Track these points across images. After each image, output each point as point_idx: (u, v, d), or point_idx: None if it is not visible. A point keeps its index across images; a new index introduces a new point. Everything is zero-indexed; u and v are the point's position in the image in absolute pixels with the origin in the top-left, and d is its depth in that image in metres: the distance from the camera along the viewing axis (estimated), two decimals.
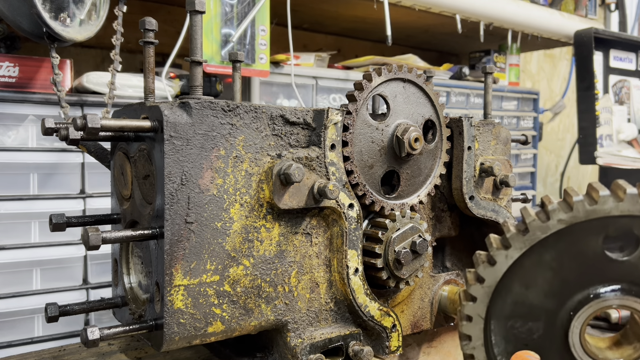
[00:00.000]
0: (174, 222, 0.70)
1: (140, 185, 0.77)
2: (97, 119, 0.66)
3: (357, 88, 0.85)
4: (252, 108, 0.77)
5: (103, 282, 1.39)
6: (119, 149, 0.84)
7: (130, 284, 0.85)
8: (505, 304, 0.61)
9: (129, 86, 1.42)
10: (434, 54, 2.85)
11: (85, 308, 0.83)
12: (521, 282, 0.61)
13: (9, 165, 1.27)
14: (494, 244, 0.60)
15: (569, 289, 0.61)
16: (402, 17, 2.05)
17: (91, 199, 1.36)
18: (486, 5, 2.09)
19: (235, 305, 0.76)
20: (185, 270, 0.71)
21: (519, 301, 0.61)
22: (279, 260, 0.79)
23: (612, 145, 2.28)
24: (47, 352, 0.92)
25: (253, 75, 1.64)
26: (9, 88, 1.27)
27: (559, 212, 0.57)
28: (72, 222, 0.82)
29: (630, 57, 2.46)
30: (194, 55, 0.73)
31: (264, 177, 0.77)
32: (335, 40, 2.55)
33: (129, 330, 0.72)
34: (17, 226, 1.29)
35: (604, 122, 2.26)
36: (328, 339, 0.83)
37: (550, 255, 0.60)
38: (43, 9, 1.16)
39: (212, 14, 1.50)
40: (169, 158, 0.69)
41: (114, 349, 0.92)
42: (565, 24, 2.38)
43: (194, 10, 0.72)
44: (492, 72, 1.05)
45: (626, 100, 2.43)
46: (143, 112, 0.75)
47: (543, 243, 0.60)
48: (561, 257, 0.60)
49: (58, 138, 0.79)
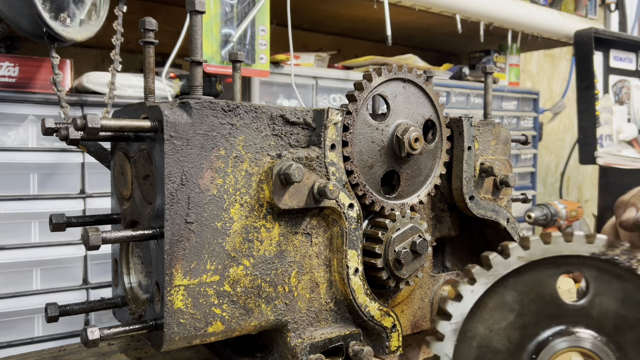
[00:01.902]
0: (174, 222, 0.70)
1: (140, 185, 0.77)
2: (97, 119, 0.66)
3: (357, 88, 0.85)
4: (252, 108, 0.77)
5: (103, 282, 1.39)
6: (119, 149, 0.84)
7: (130, 284, 0.85)
8: (472, 347, 0.63)
9: (129, 86, 1.42)
10: (434, 54, 2.85)
11: (85, 308, 0.83)
12: (485, 324, 0.63)
13: (9, 165, 1.27)
14: (460, 282, 0.63)
15: (528, 332, 0.63)
16: (402, 17, 2.05)
17: (91, 199, 1.36)
18: (486, 5, 2.09)
19: (235, 305, 0.76)
20: (185, 270, 0.71)
21: (483, 345, 0.63)
22: (279, 260, 0.79)
23: (612, 145, 2.28)
24: (47, 352, 0.92)
25: (253, 75, 1.64)
26: (9, 88, 1.27)
27: (518, 249, 0.61)
28: (72, 222, 0.82)
29: (630, 57, 2.46)
30: (194, 55, 0.73)
31: (264, 177, 0.77)
32: (335, 40, 2.55)
33: (129, 330, 0.72)
34: (17, 226, 1.29)
35: (604, 122, 2.26)
36: (328, 339, 0.83)
37: (512, 297, 0.63)
38: (43, 9, 1.16)
39: (212, 14, 1.50)
40: (169, 158, 0.69)
41: (114, 349, 0.92)
42: (565, 24, 2.38)
43: (194, 10, 0.72)
44: (492, 72, 1.05)
45: (626, 100, 2.43)
46: (143, 112, 0.75)
47: (505, 284, 0.63)
48: (521, 298, 0.63)
49: (58, 138, 0.78)
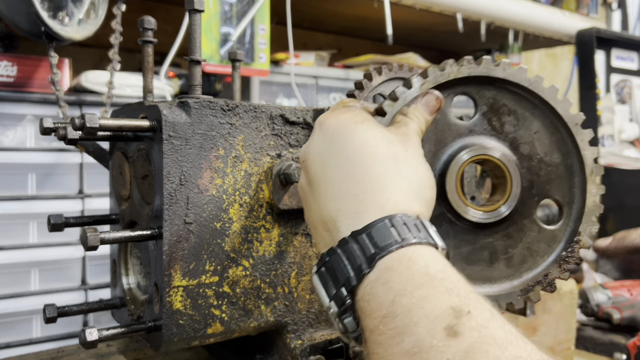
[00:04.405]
0: (173, 223, 0.69)
1: (139, 185, 0.77)
2: (96, 119, 0.66)
3: (357, 87, 0.84)
4: (252, 107, 0.76)
5: (101, 283, 1.38)
6: (117, 148, 0.83)
7: (128, 285, 0.84)
8: None
9: (127, 85, 1.41)
10: (435, 53, 2.84)
11: (83, 309, 0.83)
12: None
13: (7, 165, 1.26)
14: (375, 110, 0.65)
15: (439, 153, 0.67)
16: (403, 16, 2.04)
17: (89, 199, 1.35)
18: (487, 4, 2.08)
19: (234, 307, 0.75)
20: (184, 271, 0.70)
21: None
22: (279, 261, 0.79)
23: (614, 145, 2.27)
24: (45, 354, 0.91)
25: (253, 75, 1.63)
26: (7, 87, 1.26)
27: (419, 79, 0.62)
28: (70, 222, 0.82)
29: (632, 57, 2.45)
30: (193, 54, 0.73)
31: (263, 177, 0.76)
32: (335, 39, 2.55)
33: (127, 332, 0.71)
34: (15, 227, 1.28)
35: (605, 122, 2.25)
36: (328, 340, 0.82)
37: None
38: (41, 8, 1.15)
39: (211, 12, 1.50)
40: (167, 158, 0.68)
41: (112, 350, 0.91)
42: (567, 23, 2.37)
43: (193, 9, 0.72)
44: None
45: (628, 100, 2.42)
46: (142, 111, 0.74)
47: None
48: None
49: (56, 138, 0.78)
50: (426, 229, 0.51)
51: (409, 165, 0.55)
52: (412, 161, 0.55)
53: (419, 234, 0.49)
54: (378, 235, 0.49)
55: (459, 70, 0.64)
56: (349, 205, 0.53)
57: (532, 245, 0.68)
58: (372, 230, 0.49)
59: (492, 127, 0.67)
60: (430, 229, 0.51)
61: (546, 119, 0.67)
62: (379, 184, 0.53)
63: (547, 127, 0.67)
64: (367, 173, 0.53)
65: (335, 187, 0.54)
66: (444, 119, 0.66)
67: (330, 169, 0.55)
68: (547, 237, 0.68)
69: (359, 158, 0.54)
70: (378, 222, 0.50)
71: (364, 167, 0.53)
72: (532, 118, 0.67)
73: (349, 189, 0.53)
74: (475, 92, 0.66)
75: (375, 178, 0.53)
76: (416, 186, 0.54)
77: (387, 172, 0.53)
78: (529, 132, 0.67)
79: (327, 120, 0.59)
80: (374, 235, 0.49)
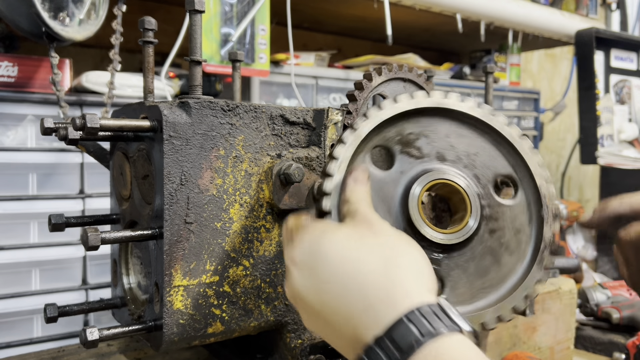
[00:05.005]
0: (173, 223, 0.70)
1: (140, 185, 0.77)
2: (96, 119, 0.66)
3: (357, 88, 0.84)
4: (252, 108, 0.76)
5: (102, 282, 1.38)
6: (118, 148, 0.84)
7: (129, 285, 0.85)
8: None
9: (128, 86, 1.42)
10: (435, 54, 2.85)
11: (84, 309, 0.83)
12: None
13: (8, 165, 1.27)
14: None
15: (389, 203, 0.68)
16: (403, 17, 2.04)
17: (90, 199, 1.35)
18: (487, 5, 2.09)
19: (235, 306, 0.75)
20: (185, 271, 0.71)
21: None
22: (279, 261, 0.79)
23: (613, 145, 2.28)
24: (46, 353, 0.92)
25: (253, 75, 1.64)
26: (8, 88, 1.26)
27: (335, 162, 0.64)
28: (71, 222, 0.82)
29: (632, 57, 2.45)
30: (194, 55, 0.73)
31: (263, 177, 0.77)
32: (335, 39, 2.55)
33: (128, 331, 0.71)
34: (16, 226, 1.29)
35: (605, 122, 2.25)
36: None
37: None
38: (42, 9, 1.15)
39: (212, 13, 1.50)
40: (168, 158, 0.69)
41: (113, 349, 0.92)
42: (566, 24, 2.38)
43: (193, 9, 0.72)
44: (492, 72, 1.04)
45: (627, 100, 2.42)
46: (142, 111, 0.74)
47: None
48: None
49: (57, 138, 0.78)
50: (446, 314, 0.49)
51: (394, 250, 0.54)
52: (390, 243, 0.55)
53: (441, 323, 0.48)
54: (399, 337, 0.48)
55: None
56: (362, 317, 0.51)
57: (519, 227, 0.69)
58: (393, 332, 0.48)
59: (414, 157, 0.68)
60: (450, 312, 0.50)
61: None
62: (381, 285, 0.51)
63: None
64: (361, 281, 0.52)
65: (343, 309, 0.53)
66: (373, 178, 0.66)
67: (325, 294, 0.54)
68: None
69: (345, 272, 0.53)
70: (398, 324, 0.48)
71: (353, 277, 0.53)
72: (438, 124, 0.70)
73: (355, 304, 0.52)
74: (384, 142, 0.68)
75: (372, 281, 0.52)
76: (415, 269, 0.53)
77: (378, 269, 0.52)
78: (441, 138, 0.69)
79: (295, 256, 0.58)
80: (395, 338, 0.48)
